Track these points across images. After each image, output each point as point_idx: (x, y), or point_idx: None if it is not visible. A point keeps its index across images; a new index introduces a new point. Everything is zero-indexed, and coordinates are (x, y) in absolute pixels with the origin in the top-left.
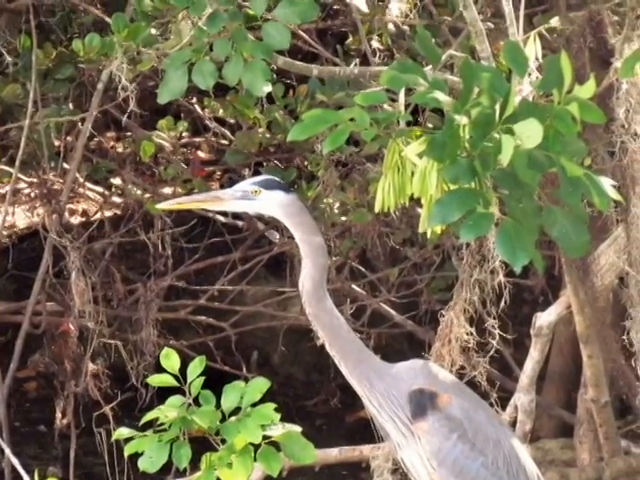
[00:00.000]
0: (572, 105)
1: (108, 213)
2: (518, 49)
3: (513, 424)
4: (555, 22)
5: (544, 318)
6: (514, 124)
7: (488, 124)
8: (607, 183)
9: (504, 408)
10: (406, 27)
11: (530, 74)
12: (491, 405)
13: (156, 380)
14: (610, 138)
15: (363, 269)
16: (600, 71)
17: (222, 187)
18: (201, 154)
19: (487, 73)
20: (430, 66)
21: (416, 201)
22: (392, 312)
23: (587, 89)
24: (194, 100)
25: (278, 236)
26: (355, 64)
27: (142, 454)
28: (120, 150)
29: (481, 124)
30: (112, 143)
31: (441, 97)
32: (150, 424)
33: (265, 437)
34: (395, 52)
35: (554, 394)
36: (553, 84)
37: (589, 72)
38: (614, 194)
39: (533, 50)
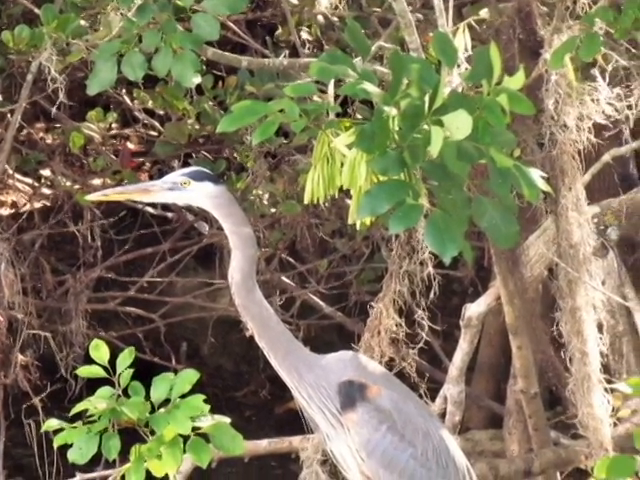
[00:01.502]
0: (501, 96)
1: (37, 204)
2: (447, 40)
3: (442, 415)
4: (484, 13)
5: (473, 309)
6: (443, 115)
7: (417, 115)
8: (536, 174)
9: (433, 399)
10: (335, 18)
11: (459, 65)
12: (420, 396)
13: (85, 371)
14: (539, 129)
15: (292, 260)
16: (529, 62)
17: (151, 178)
18: (130, 145)
19: (416, 64)
20: (359, 57)
21: (345, 192)
22: (321, 303)
23: (516, 80)
24: (123, 91)
25: (207, 227)
26: (284, 55)
27: (71, 445)
28: (49, 141)
29: (410, 115)
30: (41, 134)
31: (370, 88)
32: (79, 415)
33: (194, 428)
34: (324, 43)
35: (483, 385)
36: (482, 75)
37: (518, 63)
38: (543, 185)
39: (462, 41)
